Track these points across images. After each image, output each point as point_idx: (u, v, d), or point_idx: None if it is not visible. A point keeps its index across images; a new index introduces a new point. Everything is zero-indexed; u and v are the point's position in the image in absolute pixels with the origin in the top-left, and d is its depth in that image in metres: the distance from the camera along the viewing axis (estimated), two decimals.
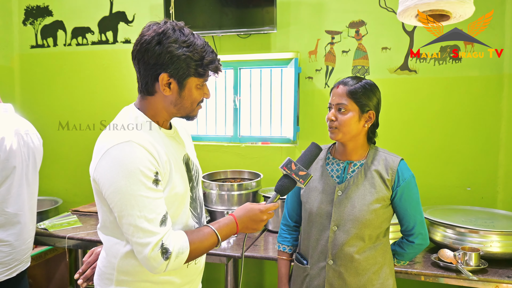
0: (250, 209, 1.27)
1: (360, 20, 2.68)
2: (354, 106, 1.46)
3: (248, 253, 2.12)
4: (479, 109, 2.53)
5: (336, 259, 1.48)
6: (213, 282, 3.05)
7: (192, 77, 1.17)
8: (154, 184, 1.10)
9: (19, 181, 1.88)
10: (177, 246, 1.11)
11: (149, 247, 1.07)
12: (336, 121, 1.48)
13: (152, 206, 1.09)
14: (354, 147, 1.52)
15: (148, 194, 1.08)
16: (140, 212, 1.07)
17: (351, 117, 1.46)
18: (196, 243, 1.16)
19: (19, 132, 1.93)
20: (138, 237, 1.07)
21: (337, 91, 1.49)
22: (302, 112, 2.83)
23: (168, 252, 1.09)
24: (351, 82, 1.49)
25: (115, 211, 1.10)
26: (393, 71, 2.65)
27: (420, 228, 1.52)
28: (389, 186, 1.47)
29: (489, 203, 2.51)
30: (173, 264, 1.11)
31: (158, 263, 1.08)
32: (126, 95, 3.13)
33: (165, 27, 1.15)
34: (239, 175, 2.81)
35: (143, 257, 1.09)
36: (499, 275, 1.85)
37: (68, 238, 2.32)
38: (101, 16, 3.19)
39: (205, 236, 1.19)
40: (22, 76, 3.43)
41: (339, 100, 1.48)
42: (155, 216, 1.09)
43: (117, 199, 1.08)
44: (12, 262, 1.85)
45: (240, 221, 1.25)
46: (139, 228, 1.07)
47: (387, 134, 2.57)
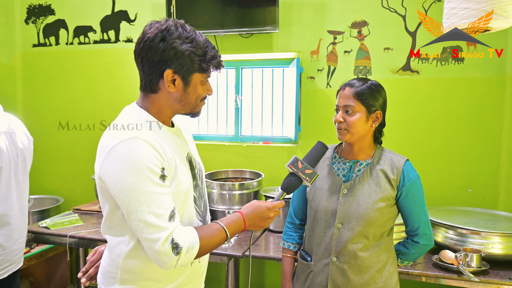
0: (258, 207, 1.27)
1: (363, 20, 2.68)
2: (361, 107, 1.48)
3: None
4: (481, 110, 2.52)
5: (340, 256, 1.50)
6: (214, 281, 3.05)
7: (196, 73, 1.17)
8: (161, 179, 1.10)
9: (7, 181, 1.85)
10: (187, 241, 1.11)
11: (159, 242, 1.07)
12: (344, 123, 1.50)
13: (160, 201, 1.09)
14: (361, 147, 1.55)
15: (156, 190, 1.08)
16: (148, 208, 1.07)
17: (359, 118, 1.48)
18: (206, 239, 1.16)
19: (7, 131, 1.88)
20: (148, 233, 1.07)
21: (344, 93, 1.51)
22: (304, 112, 2.83)
23: (178, 247, 1.09)
24: (357, 83, 1.50)
25: (123, 208, 1.10)
26: (395, 72, 2.64)
27: (425, 229, 1.53)
28: (394, 186, 1.49)
29: (491, 205, 2.50)
30: (184, 259, 1.11)
31: (169, 258, 1.08)
32: (128, 94, 3.14)
33: (167, 24, 1.15)
34: (240, 174, 2.81)
35: (153, 253, 1.08)
36: (500, 277, 1.84)
37: (69, 236, 2.33)
38: (103, 15, 3.19)
39: (214, 232, 1.19)
40: (24, 75, 3.44)
41: (346, 102, 1.50)
42: (164, 212, 1.09)
43: (124, 196, 1.08)
44: (3, 263, 1.83)
45: (247, 218, 1.25)
46: (148, 224, 1.07)
47: (389, 134, 2.55)
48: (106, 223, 1.22)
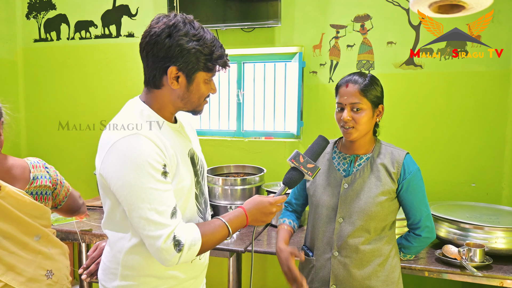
0: (260, 202, 1.27)
1: (366, 14, 2.66)
2: (367, 103, 1.47)
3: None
4: (485, 104, 2.50)
5: (342, 250, 1.49)
6: (216, 277, 3.05)
7: (200, 71, 1.16)
8: (163, 176, 1.09)
9: None
10: (189, 238, 1.10)
11: (161, 240, 1.06)
12: (352, 121, 1.47)
13: (162, 198, 1.08)
14: (363, 142, 1.54)
15: (157, 186, 1.08)
16: (150, 205, 1.06)
17: (366, 115, 1.47)
18: (208, 235, 1.15)
19: None
20: (150, 230, 1.07)
21: (348, 90, 1.48)
22: (306, 107, 2.81)
23: (180, 244, 1.08)
24: (359, 79, 1.48)
25: (125, 205, 1.09)
26: (398, 66, 2.62)
27: (426, 221, 1.52)
28: (395, 179, 1.48)
29: (494, 199, 2.49)
30: (186, 257, 1.10)
31: (171, 255, 1.08)
32: (130, 88, 3.13)
33: (176, 20, 1.13)
34: (242, 169, 2.80)
35: (155, 250, 1.08)
36: (503, 272, 1.84)
37: (72, 232, 2.33)
38: (104, 10, 3.18)
39: (216, 228, 1.18)
40: (25, 70, 3.43)
41: (352, 100, 1.47)
42: (166, 208, 1.08)
43: (126, 193, 1.07)
44: None
45: (249, 214, 1.24)
46: (150, 221, 1.06)
47: (392, 129, 2.56)
48: (107, 219, 1.22)
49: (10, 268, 1.38)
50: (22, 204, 1.40)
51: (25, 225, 1.42)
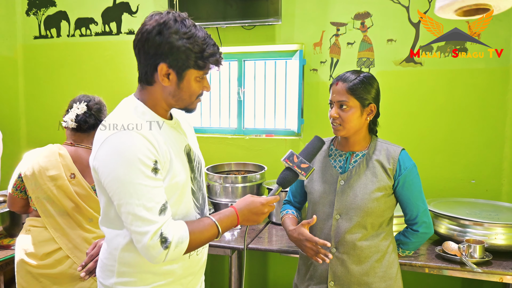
0: (251, 202, 1.27)
1: (366, 11, 2.66)
2: (355, 102, 1.48)
3: (252, 245, 2.13)
4: (484, 101, 2.51)
5: (339, 246, 1.51)
6: (218, 273, 3.06)
7: (191, 69, 1.15)
8: (153, 172, 1.09)
9: None
10: (176, 235, 1.10)
11: (147, 236, 1.06)
12: (339, 118, 1.49)
13: (151, 194, 1.08)
14: (357, 139, 1.55)
15: (146, 183, 1.08)
16: (138, 201, 1.06)
17: (353, 113, 1.48)
18: (196, 233, 1.15)
19: None
20: (137, 225, 1.07)
21: (337, 88, 1.50)
22: (307, 104, 2.82)
23: (167, 242, 1.08)
24: (349, 78, 1.49)
25: (114, 200, 1.10)
26: (398, 63, 2.63)
27: (423, 217, 1.53)
28: (391, 175, 1.50)
29: (494, 196, 2.51)
30: (172, 254, 1.10)
31: (157, 252, 1.08)
32: (130, 86, 3.12)
33: (167, 17, 1.14)
34: (243, 167, 2.81)
35: (142, 246, 1.08)
36: (503, 267, 1.85)
37: None
38: (104, 7, 3.17)
39: (205, 227, 1.18)
40: (25, 67, 3.43)
41: (339, 98, 1.49)
42: (154, 205, 1.08)
43: (115, 187, 1.08)
44: None
45: (241, 213, 1.25)
46: (137, 216, 1.07)
47: (392, 126, 2.57)
48: (104, 216, 1.22)
49: (64, 235, 1.79)
50: (85, 193, 1.82)
51: (83, 209, 1.81)
